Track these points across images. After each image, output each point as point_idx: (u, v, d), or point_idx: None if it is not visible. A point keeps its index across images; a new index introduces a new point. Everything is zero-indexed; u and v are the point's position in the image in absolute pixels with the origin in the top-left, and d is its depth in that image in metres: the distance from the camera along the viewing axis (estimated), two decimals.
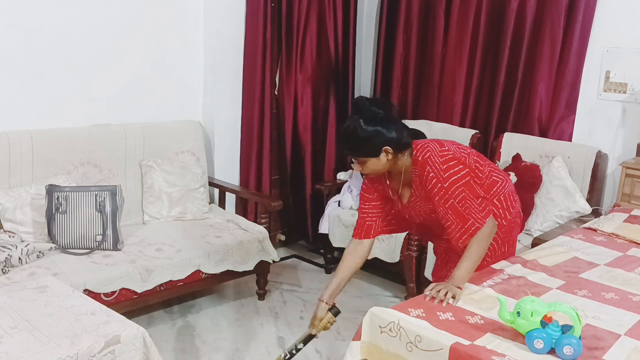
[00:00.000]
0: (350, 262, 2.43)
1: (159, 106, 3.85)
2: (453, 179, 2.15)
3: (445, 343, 1.73)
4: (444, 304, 1.99)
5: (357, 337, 1.97)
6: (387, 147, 2.16)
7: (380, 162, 2.18)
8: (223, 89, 4.00)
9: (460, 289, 2.07)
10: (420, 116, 4.38)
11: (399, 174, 2.27)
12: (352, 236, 2.47)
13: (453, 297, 2.03)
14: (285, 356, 2.42)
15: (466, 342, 1.73)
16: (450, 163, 2.17)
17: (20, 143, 3.13)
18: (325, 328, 2.39)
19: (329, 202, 4.06)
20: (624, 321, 1.92)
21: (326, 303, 2.38)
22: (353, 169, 4.15)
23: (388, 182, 2.35)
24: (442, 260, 2.58)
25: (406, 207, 2.37)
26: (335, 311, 2.38)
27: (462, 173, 2.17)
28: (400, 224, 2.54)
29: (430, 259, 3.40)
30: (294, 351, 2.41)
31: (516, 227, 2.48)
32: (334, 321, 2.39)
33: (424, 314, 1.92)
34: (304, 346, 2.41)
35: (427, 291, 2.07)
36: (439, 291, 2.04)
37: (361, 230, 2.43)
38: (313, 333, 2.40)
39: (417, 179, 2.24)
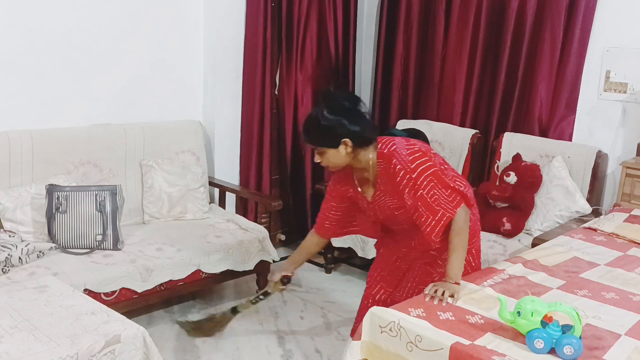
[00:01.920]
0: (310, 249, 2.67)
1: (159, 106, 3.85)
2: (421, 168, 2.14)
3: (446, 343, 1.73)
4: (443, 303, 1.99)
5: (357, 336, 1.97)
6: (347, 140, 2.14)
7: (339, 154, 2.17)
8: (223, 89, 4.00)
9: (458, 284, 2.08)
10: (421, 116, 4.38)
11: (364, 170, 2.26)
12: (314, 227, 2.59)
13: (452, 296, 2.02)
14: (253, 300, 2.82)
15: (466, 342, 1.73)
16: (417, 154, 2.17)
17: (21, 143, 3.13)
18: (277, 290, 2.78)
19: None
20: (625, 321, 1.92)
21: (284, 270, 2.67)
22: None
23: (355, 181, 2.35)
24: (392, 264, 2.53)
25: (370, 205, 2.35)
26: (284, 281, 2.74)
27: (429, 164, 2.17)
28: (365, 228, 2.56)
29: None
30: (261, 296, 2.80)
31: (477, 233, 2.46)
32: (282, 289, 2.79)
33: (424, 314, 1.92)
34: (263, 298, 2.81)
35: (426, 291, 2.07)
36: (436, 291, 2.03)
37: (321, 228, 2.55)
38: (269, 291, 2.77)
39: (382, 172, 2.23)
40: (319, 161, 2.24)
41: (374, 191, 2.30)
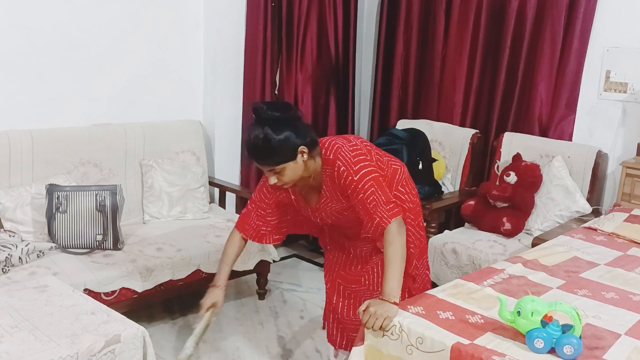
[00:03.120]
0: (235, 251, 2.44)
1: (160, 106, 3.85)
2: (363, 172, 2.11)
3: (447, 343, 1.73)
4: (375, 328, 1.88)
5: (360, 341, 1.97)
6: (303, 147, 2.08)
7: (298, 165, 2.09)
8: (223, 89, 4.00)
9: (397, 304, 1.94)
10: (421, 116, 4.38)
11: (308, 177, 2.19)
12: (237, 227, 2.43)
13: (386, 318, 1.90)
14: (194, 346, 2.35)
15: (466, 342, 1.73)
16: (360, 157, 2.14)
17: (21, 143, 3.13)
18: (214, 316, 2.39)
19: None
20: (625, 321, 1.92)
21: (220, 287, 2.38)
22: None
23: (296, 189, 2.27)
24: (345, 260, 2.50)
25: (316, 211, 2.30)
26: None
27: (370, 168, 2.14)
28: (294, 227, 2.48)
29: (431, 258, 3.40)
30: (199, 342, 2.37)
31: (420, 208, 2.46)
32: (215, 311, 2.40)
33: (423, 312, 1.91)
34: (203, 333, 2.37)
35: (361, 308, 1.95)
36: (374, 315, 1.89)
37: (252, 232, 2.40)
38: (213, 319, 2.39)
39: (327, 179, 2.19)
40: (274, 182, 2.12)
41: (318, 198, 2.25)
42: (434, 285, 2.48)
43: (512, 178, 3.47)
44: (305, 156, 2.10)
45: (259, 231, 2.40)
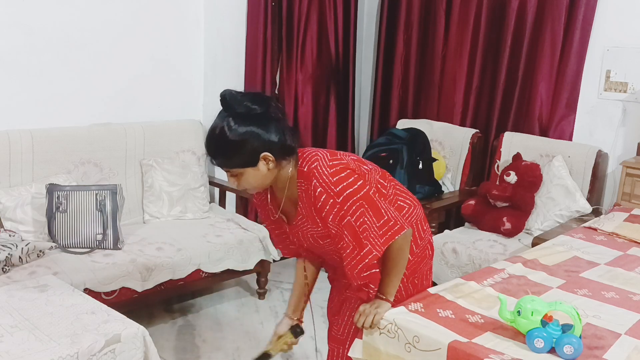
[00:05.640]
0: (298, 274, 2.11)
1: (160, 105, 3.85)
2: (348, 192, 1.71)
3: (444, 342, 1.72)
4: (366, 326, 1.83)
5: (360, 334, 1.96)
6: (267, 154, 1.69)
7: (260, 173, 1.71)
8: (224, 88, 3.97)
9: (390, 302, 1.85)
10: (421, 115, 4.38)
11: (283, 188, 1.82)
12: (282, 253, 2.10)
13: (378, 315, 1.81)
14: None
15: (464, 340, 1.73)
16: (342, 174, 1.73)
17: (21, 142, 3.13)
18: (282, 350, 2.04)
19: None
20: (625, 320, 1.92)
21: (290, 318, 2.06)
22: None
23: (269, 198, 1.91)
24: (337, 292, 2.18)
25: (293, 229, 1.92)
26: (297, 331, 2.05)
27: (357, 184, 1.74)
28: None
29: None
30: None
31: (426, 259, 2.07)
32: (292, 342, 2.04)
33: (423, 310, 1.91)
34: None
35: (356, 317, 1.86)
36: (363, 314, 1.83)
37: (288, 251, 2.06)
38: (269, 352, 2.03)
39: (303, 194, 1.79)
40: (235, 185, 1.77)
41: (295, 214, 1.86)
42: (434, 284, 2.48)
43: (512, 178, 3.47)
44: (271, 164, 1.72)
45: (289, 247, 2.05)
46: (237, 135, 1.67)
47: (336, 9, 4.36)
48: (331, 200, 1.73)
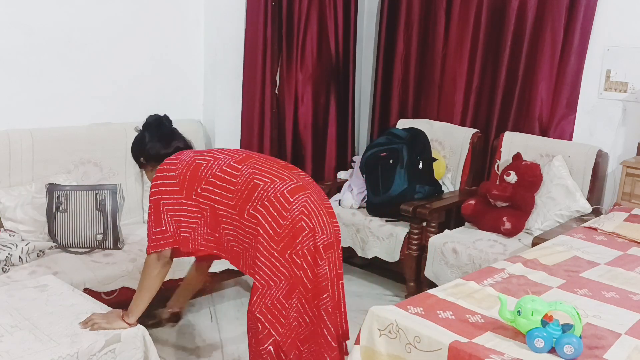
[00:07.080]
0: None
1: (160, 105, 3.82)
2: (151, 191, 2.10)
3: (445, 342, 1.73)
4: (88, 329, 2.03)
5: (357, 340, 1.97)
6: (142, 158, 2.14)
7: (148, 174, 2.18)
8: (223, 88, 4.00)
9: (128, 324, 2.08)
10: (421, 115, 4.38)
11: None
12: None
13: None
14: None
15: (465, 340, 1.73)
16: (158, 174, 2.10)
17: (21, 142, 3.13)
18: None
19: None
20: (625, 320, 1.92)
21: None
22: (353, 168, 4.17)
23: None
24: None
25: None
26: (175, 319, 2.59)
27: (159, 189, 2.09)
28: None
29: (431, 257, 3.40)
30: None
31: (297, 233, 2.03)
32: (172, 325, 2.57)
33: (423, 312, 1.91)
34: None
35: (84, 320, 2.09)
36: (91, 322, 2.05)
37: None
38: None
39: None
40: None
41: None
42: (434, 285, 2.48)
43: (512, 177, 3.47)
44: (148, 168, 2.14)
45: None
46: (135, 139, 2.24)
47: (336, 9, 4.36)
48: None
